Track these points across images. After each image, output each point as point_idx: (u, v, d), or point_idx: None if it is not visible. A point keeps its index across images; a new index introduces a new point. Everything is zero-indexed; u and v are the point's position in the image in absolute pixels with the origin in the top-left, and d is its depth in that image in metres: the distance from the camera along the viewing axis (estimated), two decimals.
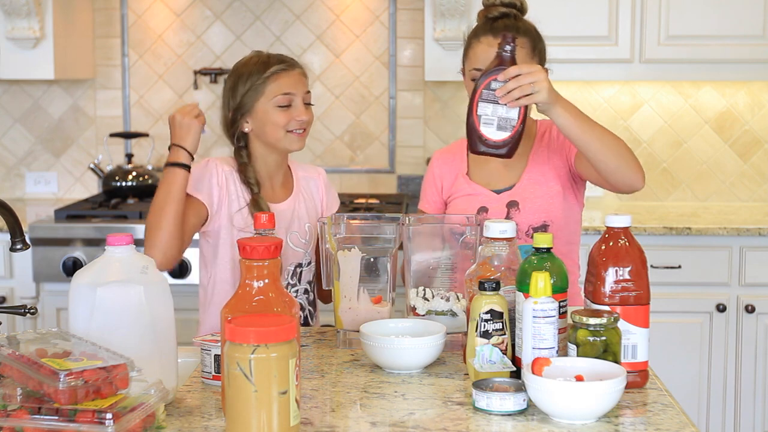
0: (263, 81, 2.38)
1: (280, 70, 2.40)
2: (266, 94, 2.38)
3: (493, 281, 1.77)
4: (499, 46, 2.11)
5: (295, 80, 2.41)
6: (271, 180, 2.46)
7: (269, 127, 2.38)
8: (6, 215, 1.93)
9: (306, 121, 2.40)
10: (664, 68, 3.85)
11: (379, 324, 1.97)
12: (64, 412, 1.42)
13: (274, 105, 2.38)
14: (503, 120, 2.08)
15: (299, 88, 2.41)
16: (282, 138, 2.39)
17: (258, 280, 1.58)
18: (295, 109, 2.40)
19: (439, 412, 1.64)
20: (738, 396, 3.63)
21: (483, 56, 2.30)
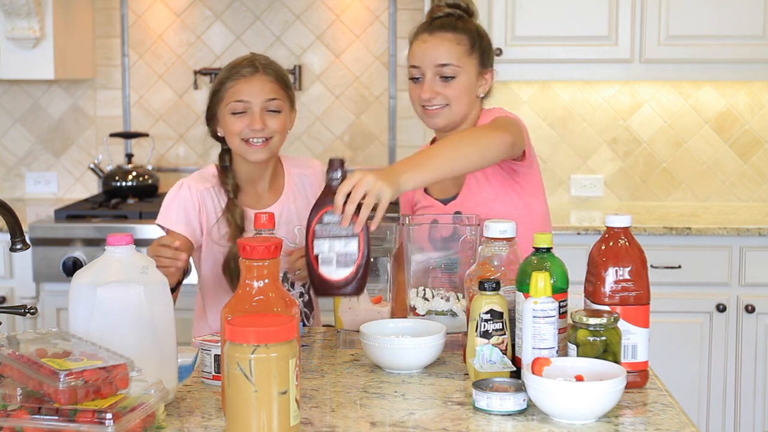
0: (223, 86, 2.32)
1: (240, 75, 2.30)
2: (224, 100, 2.32)
3: (493, 281, 1.77)
4: (327, 174, 1.94)
5: (255, 87, 2.30)
6: (254, 185, 2.40)
7: (228, 135, 2.33)
8: (6, 215, 1.93)
9: (260, 129, 2.28)
10: (664, 68, 3.85)
11: (379, 324, 1.97)
12: (64, 412, 1.42)
13: (229, 112, 2.31)
14: (342, 255, 1.81)
15: (258, 95, 2.29)
16: (238, 147, 2.32)
17: (258, 280, 1.58)
18: (249, 116, 2.29)
19: (439, 412, 1.64)
20: (738, 396, 3.63)
21: (417, 51, 2.30)
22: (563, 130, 4.21)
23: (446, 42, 2.28)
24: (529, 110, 4.19)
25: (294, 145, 4.24)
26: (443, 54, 2.27)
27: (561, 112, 4.20)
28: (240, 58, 2.37)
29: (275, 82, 2.33)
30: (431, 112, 2.29)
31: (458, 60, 2.28)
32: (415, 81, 2.32)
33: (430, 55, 2.28)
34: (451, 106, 2.29)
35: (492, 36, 3.81)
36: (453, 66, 2.27)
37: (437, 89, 2.28)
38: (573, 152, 4.22)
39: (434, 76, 2.28)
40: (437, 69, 2.27)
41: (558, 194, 4.23)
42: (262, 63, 2.34)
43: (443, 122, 2.31)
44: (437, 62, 2.27)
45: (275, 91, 2.32)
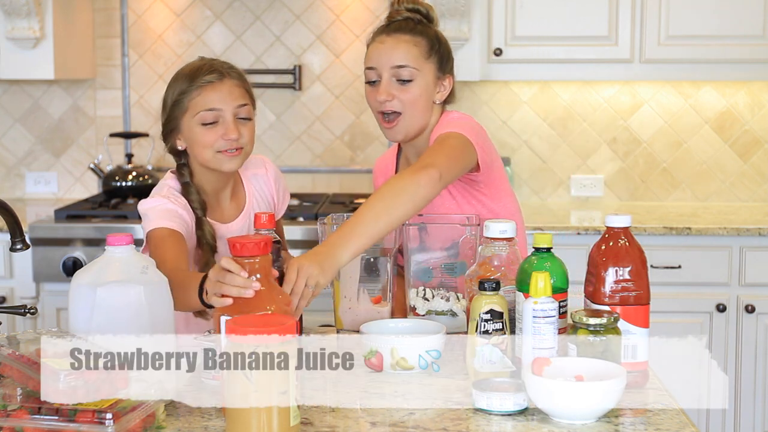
0: (188, 94, 2.16)
1: (206, 82, 2.15)
2: (190, 110, 2.16)
3: (493, 281, 1.77)
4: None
5: (224, 93, 2.15)
6: (217, 197, 2.26)
7: (197, 148, 2.17)
8: (6, 215, 1.93)
9: (235, 139, 2.15)
10: (664, 68, 3.85)
11: (379, 324, 1.97)
12: (64, 412, 1.42)
13: (198, 122, 2.15)
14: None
15: (228, 102, 2.15)
16: (211, 159, 2.16)
17: (249, 276, 1.59)
18: (222, 126, 2.14)
19: (439, 412, 1.64)
20: (738, 396, 3.63)
21: (374, 53, 2.26)
22: (563, 130, 4.21)
23: (403, 43, 2.23)
24: (529, 110, 4.19)
25: (294, 145, 4.25)
26: (400, 55, 2.21)
27: (561, 112, 4.20)
28: (196, 64, 2.21)
29: (242, 86, 2.20)
30: (387, 124, 2.22)
31: (415, 62, 2.21)
32: (372, 84, 2.25)
33: (387, 56, 2.22)
34: (405, 114, 2.21)
35: (492, 36, 3.84)
36: (410, 68, 2.21)
37: (393, 91, 2.21)
38: (573, 152, 4.22)
39: (390, 77, 2.21)
40: (394, 71, 2.21)
41: (558, 194, 4.23)
42: (225, 67, 2.20)
43: (401, 135, 2.24)
44: (394, 63, 2.21)
45: (244, 96, 2.20)
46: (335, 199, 4.03)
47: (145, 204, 2.18)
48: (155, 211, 2.14)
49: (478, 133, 2.17)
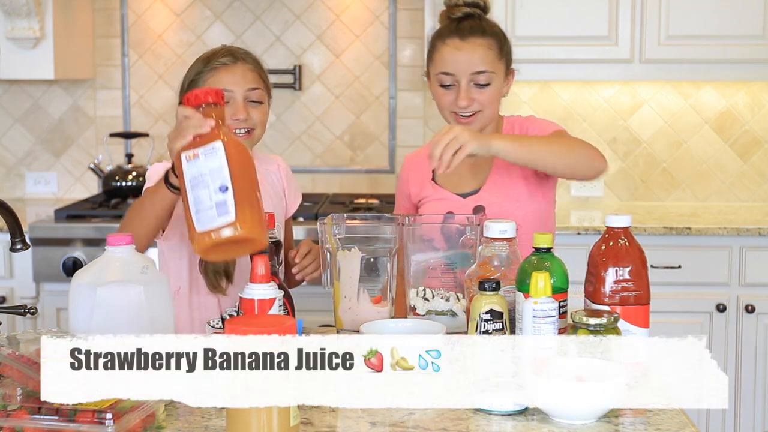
0: (201, 75, 2.22)
1: (220, 64, 2.21)
2: None
3: (493, 281, 1.77)
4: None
5: (237, 75, 2.21)
6: None
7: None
8: (6, 215, 1.93)
9: (244, 119, 2.19)
10: (664, 68, 3.85)
11: (379, 324, 1.96)
12: (64, 412, 1.42)
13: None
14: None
15: (240, 84, 2.20)
16: None
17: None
18: (232, 107, 2.18)
19: (439, 412, 1.64)
20: (738, 396, 3.63)
21: (450, 59, 2.27)
22: None
23: (480, 48, 2.27)
24: (529, 110, 4.19)
25: (294, 145, 4.25)
26: (478, 62, 2.26)
27: (561, 112, 4.20)
28: (214, 50, 2.27)
29: (255, 71, 2.25)
30: (465, 120, 2.29)
31: (492, 66, 2.27)
32: (446, 87, 2.29)
33: (466, 63, 2.26)
34: (484, 111, 2.29)
35: None
36: (488, 73, 2.27)
37: (472, 96, 2.27)
38: None
39: (469, 83, 2.27)
40: (472, 76, 2.26)
41: (558, 194, 4.19)
42: (241, 53, 2.26)
43: (476, 128, 2.29)
44: (473, 70, 2.26)
45: (256, 81, 2.25)
46: (335, 199, 4.03)
47: (151, 168, 2.25)
48: (157, 173, 2.13)
49: None
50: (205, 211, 1.61)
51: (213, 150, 1.65)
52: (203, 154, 1.65)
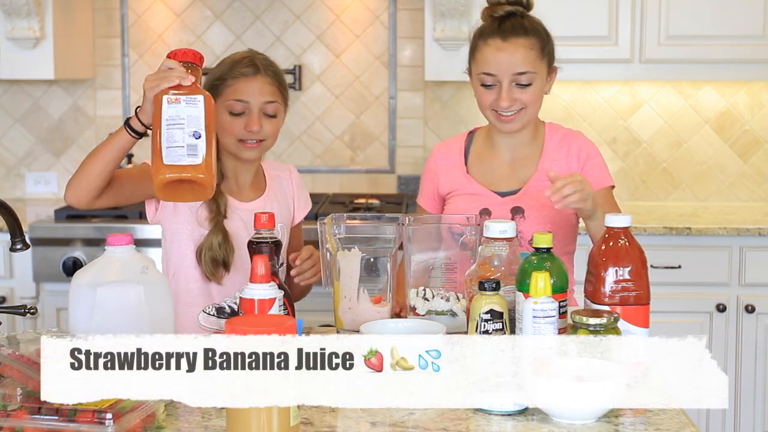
0: (222, 82, 2.27)
1: (241, 75, 2.25)
2: (222, 97, 2.25)
3: (493, 281, 1.77)
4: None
5: (255, 88, 2.25)
6: (236, 177, 2.34)
7: (221, 133, 2.26)
8: (6, 215, 1.93)
9: (257, 131, 2.25)
10: (664, 68, 3.85)
11: (379, 324, 1.96)
12: (64, 412, 1.42)
13: (226, 109, 2.25)
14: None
15: (257, 96, 2.25)
16: (232, 145, 2.27)
17: None
18: (247, 117, 2.25)
19: (439, 412, 1.64)
20: (738, 396, 3.63)
21: (492, 59, 2.26)
22: None
23: (521, 49, 2.26)
24: None
25: (294, 145, 4.25)
26: (520, 62, 2.25)
27: (561, 112, 4.20)
28: (240, 55, 2.32)
29: (274, 84, 2.29)
30: (506, 118, 2.29)
31: (533, 66, 2.27)
32: (487, 87, 2.28)
33: (507, 64, 2.25)
34: (527, 109, 2.29)
35: None
36: (530, 73, 2.26)
37: (514, 96, 2.26)
38: None
39: (511, 83, 2.26)
40: (514, 77, 2.26)
41: None
42: (263, 63, 2.30)
43: (518, 126, 2.31)
44: (515, 71, 2.25)
45: (274, 94, 2.28)
46: (335, 199, 4.03)
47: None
48: None
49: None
50: (175, 148, 1.78)
51: (195, 100, 1.84)
52: (185, 102, 1.83)
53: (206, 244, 2.24)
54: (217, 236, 2.23)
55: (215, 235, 2.24)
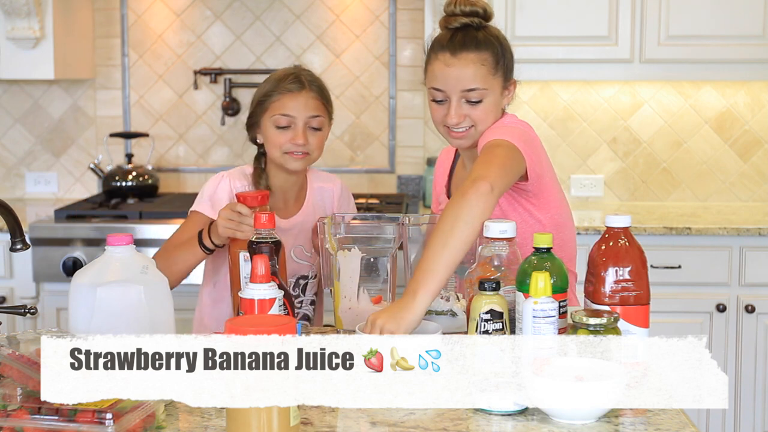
0: (269, 98, 2.38)
1: (286, 90, 2.36)
2: (269, 111, 2.37)
3: (493, 281, 1.77)
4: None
5: (300, 103, 2.36)
6: (284, 194, 2.46)
7: (268, 145, 2.39)
8: (6, 215, 1.93)
9: (302, 144, 2.36)
10: (664, 68, 3.85)
11: None
12: (64, 412, 1.42)
13: (273, 124, 2.37)
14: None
15: (302, 111, 2.36)
16: (279, 157, 2.38)
17: None
18: (293, 131, 2.36)
19: (439, 412, 1.64)
20: (738, 396, 3.63)
21: (440, 75, 2.17)
22: (563, 130, 4.21)
23: (471, 65, 2.15)
24: (529, 110, 4.19)
25: None
26: (469, 79, 2.15)
27: (561, 112, 4.20)
28: (285, 72, 2.42)
29: (319, 99, 2.39)
30: (456, 134, 2.20)
31: (484, 82, 2.16)
32: (438, 102, 2.20)
33: (455, 80, 2.15)
34: (477, 126, 2.19)
35: None
36: (480, 90, 2.16)
37: (463, 112, 2.17)
38: (573, 152, 4.22)
39: (460, 99, 2.17)
40: (463, 93, 2.16)
41: None
42: (308, 79, 2.40)
43: (469, 143, 2.22)
44: (464, 88, 2.16)
45: (318, 108, 2.38)
46: None
47: (208, 184, 2.45)
48: (209, 191, 2.41)
49: (527, 142, 2.12)
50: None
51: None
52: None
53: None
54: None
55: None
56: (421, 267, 1.88)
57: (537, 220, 2.21)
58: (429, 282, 1.85)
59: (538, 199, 2.20)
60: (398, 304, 1.85)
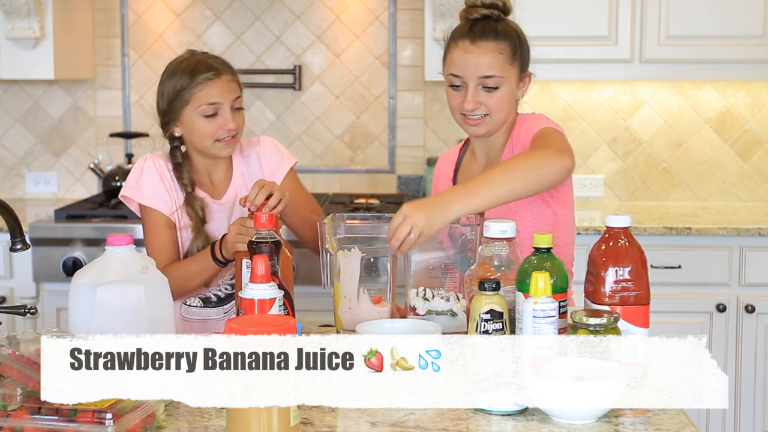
0: (189, 89, 2.35)
1: (206, 79, 2.34)
2: (192, 103, 2.35)
3: (493, 281, 1.77)
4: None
5: (223, 88, 2.36)
6: (209, 175, 2.46)
7: (196, 136, 2.37)
8: (6, 215, 1.93)
9: (233, 128, 2.37)
10: (664, 68, 3.85)
11: (376, 324, 1.96)
12: (64, 412, 1.42)
13: (199, 114, 2.35)
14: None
15: (226, 96, 2.36)
16: (210, 147, 2.38)
17: None
18: (221, 117, 2.36)
19: (439, 412, 1.64)
20: (738, 396, 3.63)
21: (459, 61, 2.26)
22: (563, 130, 4.20)
23: (489, 53, 2.24)
24: (529, 110, 4.17)
25: (294, 145, 4.25)
26: (486, 66, 2.24)
27: (561, 112, 4.20)
28: (192, 61, 2.38)
29: (234, 79, 2.40)
30: (472, 122, 2.28)
31: (501, 70, 2.25)
32: (455, 88, 2.28)
33: (474, 66, 2.24)
34: (492, 115, 2.27)
35: None
36: (497, 77, 2.25)
37: (480, 99, 2.26)
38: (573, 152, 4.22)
39: (477, 86, 2.25)
40: (481, 80, 2.25)
41: None
42: (219, 63, 2.39)
43: (483, 131, 2.30)
44: (481, 74, 2.24)
45: (237, 89, 2.40)
46: (335, 199, 4.03)
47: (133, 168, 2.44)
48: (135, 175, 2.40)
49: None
50: None
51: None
52: None
53: (191, 250, 2.38)
54: (199, 241, 2.37)
55: (198, 240, 2.37)
56: (476, 182, 1.99)
57: (553, 212, 2.28)
58: (472, 199, 1.95)
59: (559, 193, 2.28)
60: (433, 203, 1.96)
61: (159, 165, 2.41)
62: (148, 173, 2.40)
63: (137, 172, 2.40)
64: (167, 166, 2.42)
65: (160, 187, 2.39)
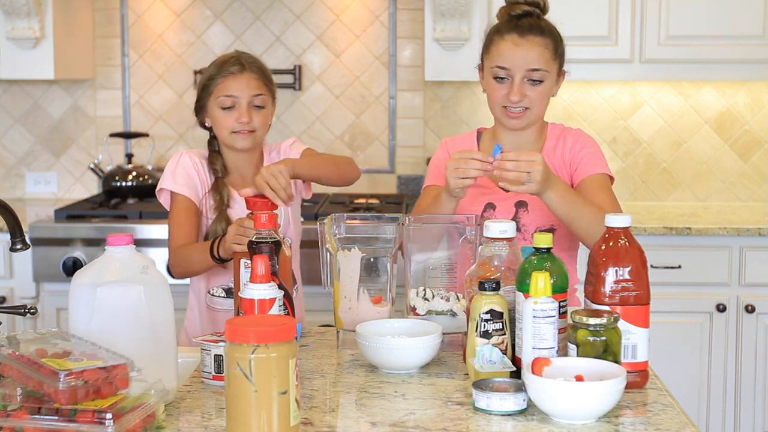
0: (212, 81, 2.48)
1: (229, 73, 2.47)
2: (214, 94, 2.48)
3: (493, 281, 1.77)
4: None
5: (243, 83, 2.46)
6: (240, 171, 2.55)
7: (216, 127, 2.50)
8: (6, 215, 1.93)
9: (247, 123, 2.46)
10: (664, 68, 3.85)
11: (376, 324, 1.97)
12: (64, 412, 1.42)
13: (218, 105, 2.47)
14: None
15: (245, 91, 2.46)
16: (227, 137, 2.49)
17: None
18: (237, 110, 2.46)
19: (439, 412, 1.64)
20: (738, 396, 3.63)
21: (507, 53, 2.33)
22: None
23: (537, 47, 2.34)
24: None
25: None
26: (534, 59, 2.32)
27: (561, 112, 4.20)
28: (227, 56, 2.53)
29: (260, 79, 2.50)
30: (513, 114, 2.35)
31: (547, 65, 2.34)
32: (500, 80, 2.34)
33: (523, 59, 2.32)
34: (533, 108, 2.35)
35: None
36: (542, 71, 2.33)
37: (525, 92, 2.33)
38: None
39: (523, 78, 2.33)
40: (527, 73, 2.32)
41: None
42: (248, 61, 2.51)
43: (522, 124, 2.38)
44: (529, 67, 2.32)
45: (260, 88, 2.49)
46: (335, 199, 4.03)
47: (169, 162, 2.54)
48: (171, 167, 2.51)
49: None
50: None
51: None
52: None
53: (212, 230, 2.46)
54: (221, 224, 2.44)
55: (219, 222, 2.45)
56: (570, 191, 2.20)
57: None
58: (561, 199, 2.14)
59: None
60: (552, 174, 2.14)
61: (193, 159, 2.52)
62: (183, 165, 2.50)
63: (173, 164, 2.51)
64: (200, 161, 2.52)
65: (194, 176, 2.49)
